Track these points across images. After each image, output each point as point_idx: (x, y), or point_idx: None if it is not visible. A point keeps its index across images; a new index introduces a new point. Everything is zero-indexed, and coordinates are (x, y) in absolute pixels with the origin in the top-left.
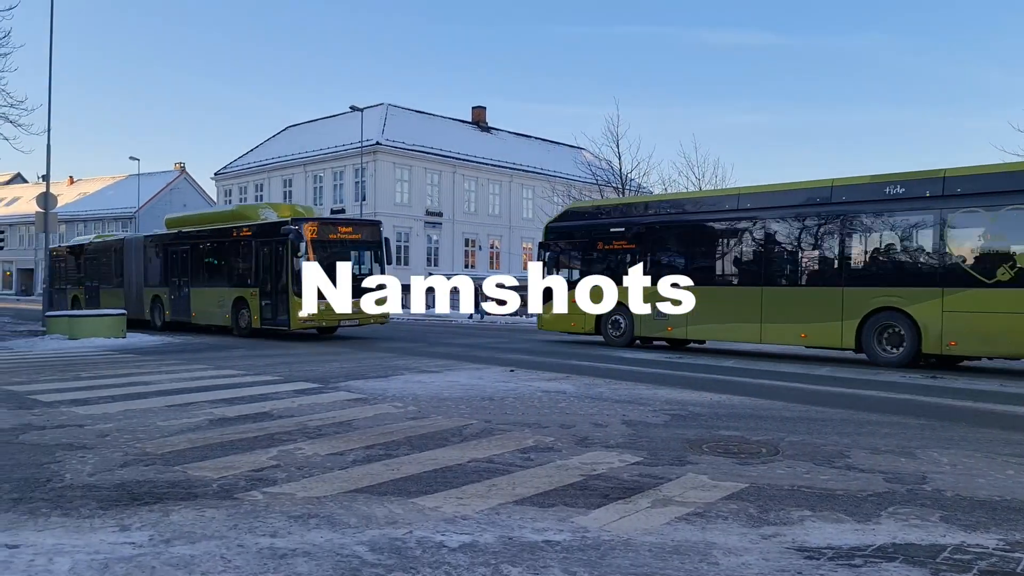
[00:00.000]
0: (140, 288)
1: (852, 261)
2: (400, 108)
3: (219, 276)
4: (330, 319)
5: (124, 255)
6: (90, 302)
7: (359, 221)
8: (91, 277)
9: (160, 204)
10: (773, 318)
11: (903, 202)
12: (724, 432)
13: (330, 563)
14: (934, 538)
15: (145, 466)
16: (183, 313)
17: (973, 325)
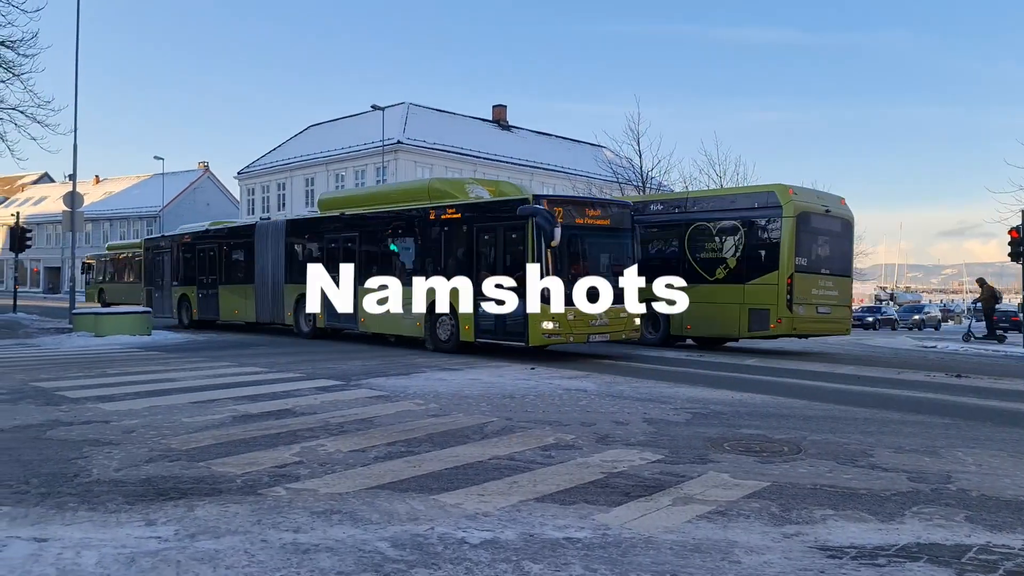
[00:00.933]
0: (279, 286)
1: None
2: (421, 107)
3: (404, 270)
4: (579, 331)
5: (256, 245)
6: (205, 303)
7: (608, 201)
8: (207, 272)
9: (184, 203)
10: None
11: (662, 215)
12: (746, 430)
13: (352, 559)
14: (959, 538)
15: (170, 462)
16: (346, 318)
17: (702, 312)
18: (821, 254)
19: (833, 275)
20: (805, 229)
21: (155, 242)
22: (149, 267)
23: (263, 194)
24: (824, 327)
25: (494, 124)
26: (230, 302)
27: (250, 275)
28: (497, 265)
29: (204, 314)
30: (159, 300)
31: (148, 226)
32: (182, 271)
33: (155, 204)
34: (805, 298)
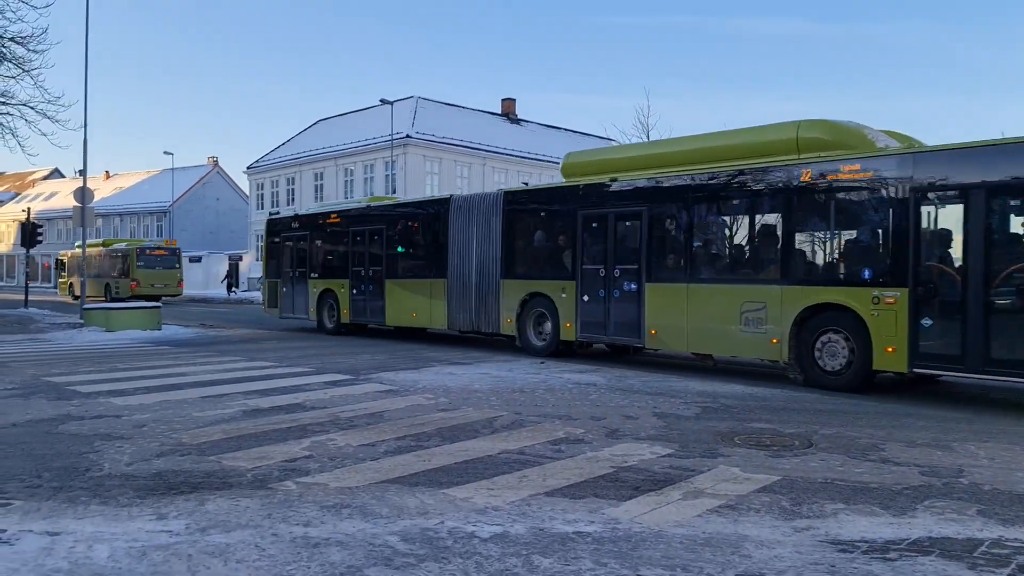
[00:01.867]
0: (492, 282)
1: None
2: (430, 101)
3: (747, 262)
4: None
5: (452, 226)
6: (362, 303)
7: None
8: (365, 262)
9: (193, 198)
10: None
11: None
12: (756, 424)
13: (362, 552)
14: (971, 532)
15: (181, 456)
16: (627, 330)
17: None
18: None
19: None
20: None
21: (283, 223)
22: (273, 254)
23: (272, 189)
24: None
25: (503, 117)
26: (404, 302)
27: (438, 266)
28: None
29: (359, 316)
30: (287, 297)
31: (158, 221)
32: (325, 260)
33: (165, 199)
34: None
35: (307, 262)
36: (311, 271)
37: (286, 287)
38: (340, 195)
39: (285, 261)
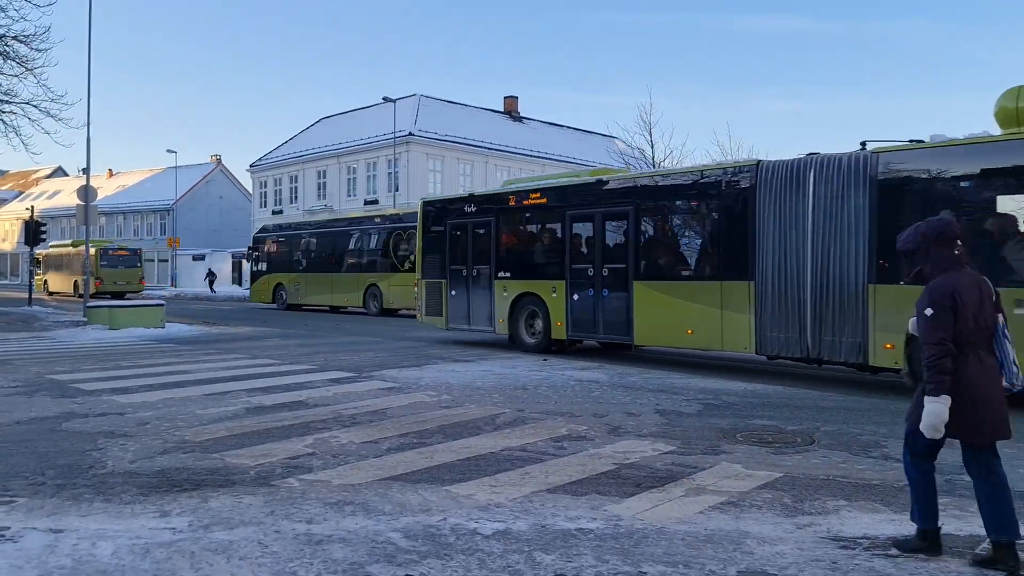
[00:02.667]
0: (855, 284)
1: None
2: (432, 99)
3: None
4: None
5: (761, 205)
6: (592, 313)
7: None
8: (594, 257)
9: (197, 196)
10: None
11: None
12: (758, 421)
13: (365, 549)
14: (973, 528)
15: (184, 453)
16: None
17: (401, 290)
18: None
19: None
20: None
21: (452, 206)
22: (435, 247)
23: (275, 187)
24: None
25: (506, 115)
26: (667, 313)
27: (736, 263)
28: None
29: (583, 330)
30: (458, 302)
31: (161, 220)
32: (523, 254)
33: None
34: None
35: (491, 257)
36: (498, 269)
37: (457, 290)
38: (343, 193)
39: (455, 256)
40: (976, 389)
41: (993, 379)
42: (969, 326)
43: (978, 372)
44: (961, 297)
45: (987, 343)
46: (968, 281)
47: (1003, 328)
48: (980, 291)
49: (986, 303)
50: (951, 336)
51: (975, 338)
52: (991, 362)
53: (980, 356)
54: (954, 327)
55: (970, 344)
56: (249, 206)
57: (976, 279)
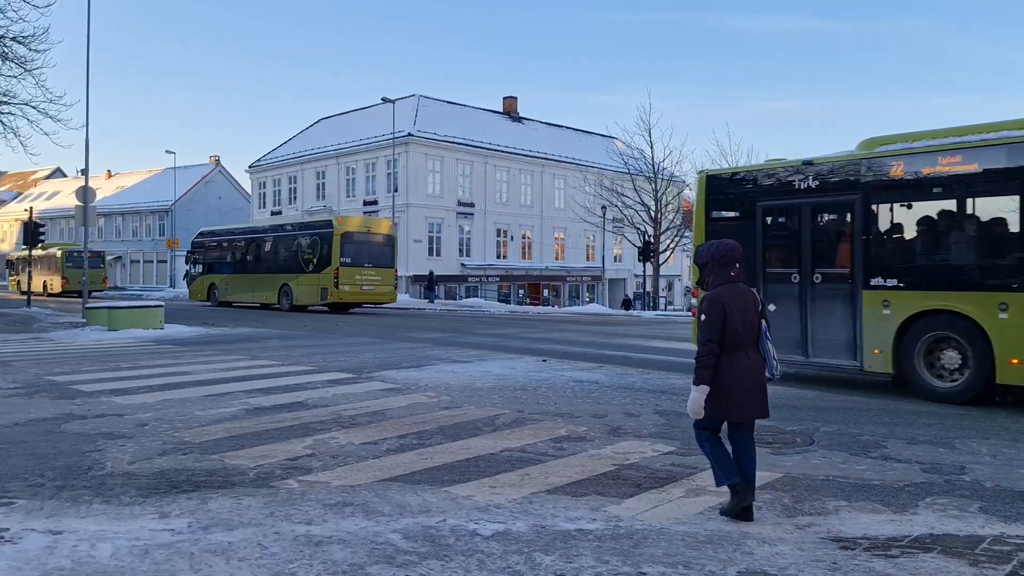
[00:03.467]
0: None
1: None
2: (431, 99)
3: None
4: None
5: None
6: None
7: None
8: None
9: (195, 197)
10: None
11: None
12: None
13: (365, 550)
14: (973, 529)
15: (183, 455)
16: None
17: (306, 289)
18: (363, 254)
19: (376, 267)
20: (349, 241)
21: (763, 181)
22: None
23: (274, 188)
24: (370, 297)
25: (505, 116)
26: None
27: None
28: None
29: None
30: (779, 319)
31: (160, 220)
32: (928, 250)
33: (167, 198)
34: (350, 280)
35: (855, 254)
36: (871, 272)
37: (779, 302)
38: (342, 194)
39: (776, 253)
40: (743, 378)
41: (757, 371)
42: (738, 329)
43: (746, 365)
44: (729, 306)
45: (754, 343)
46: (738, 294)
47: (766, 331)
48: (748, 302)
49: (752, 312)
50: (718, 338)
51: (743, 339)
52: (757, 358)
53: (748, 352)
54: (723, 330)
55: (739, 344)
56: (248, 207)
57: (746, 292)
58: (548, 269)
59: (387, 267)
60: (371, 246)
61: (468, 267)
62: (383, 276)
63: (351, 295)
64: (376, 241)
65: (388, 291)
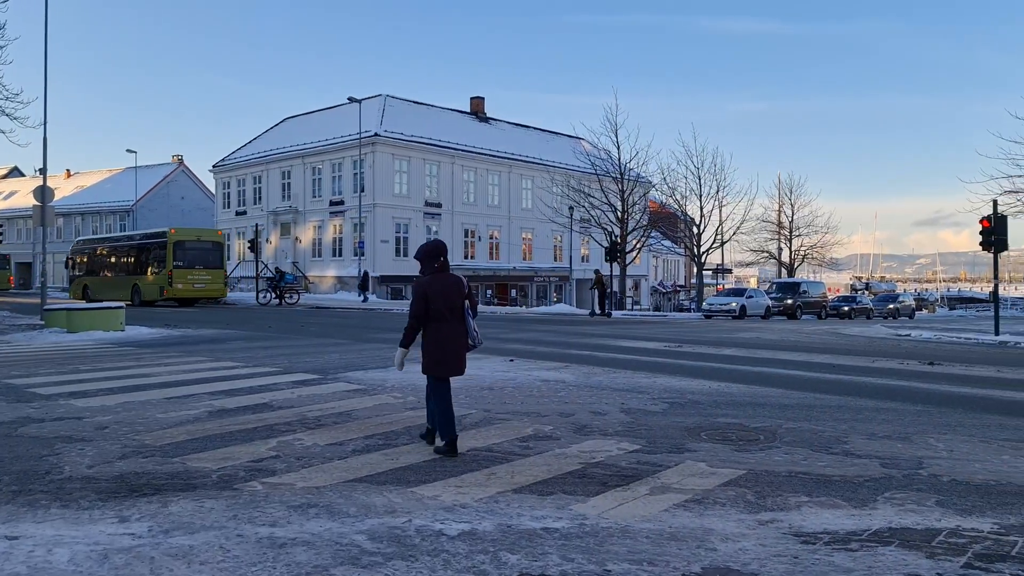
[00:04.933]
0: None
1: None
2: (398, 99)
3: None
4: None
5: None
6: None
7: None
8: None
9: (158, 197)
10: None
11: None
12: (722, 419)
13: (329, 552)
14: (930, 522)
15: (144, 458)
16: None
17: (150, 287)
18: (195, 259)
19: (206, 268)
20: (180, 248)
21: None
22: None
23: (239, 188)
24: (203, 293)
25: (472, 116)
26: None
27: None
28: None
29: None
30: None
31: (121, 220)
32: None
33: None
34: (183, 280)
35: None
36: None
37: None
38: (308, 195)
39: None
40: (446, 344)
41: (459, 339)
42: (442, 308)
43: (450, 334)
44: (431, 291)
45: (459, 318)
46: (440, 281)
47: (468, 310)
48: (451, 287)
49: (455, 295)
50: (420, 315)
51: (447, 315)
52: (461, 329)
53: (453, 325)
54: (427, 308)
55: (444, 318)
56: (212, 207)
57: (450, 279)
58: (516, 269)
59: (217, 268)
60: (202, 252)
61: None
62: (213, 276)
63: (184, 292)
64: (206, 247)
65: (219, 288)
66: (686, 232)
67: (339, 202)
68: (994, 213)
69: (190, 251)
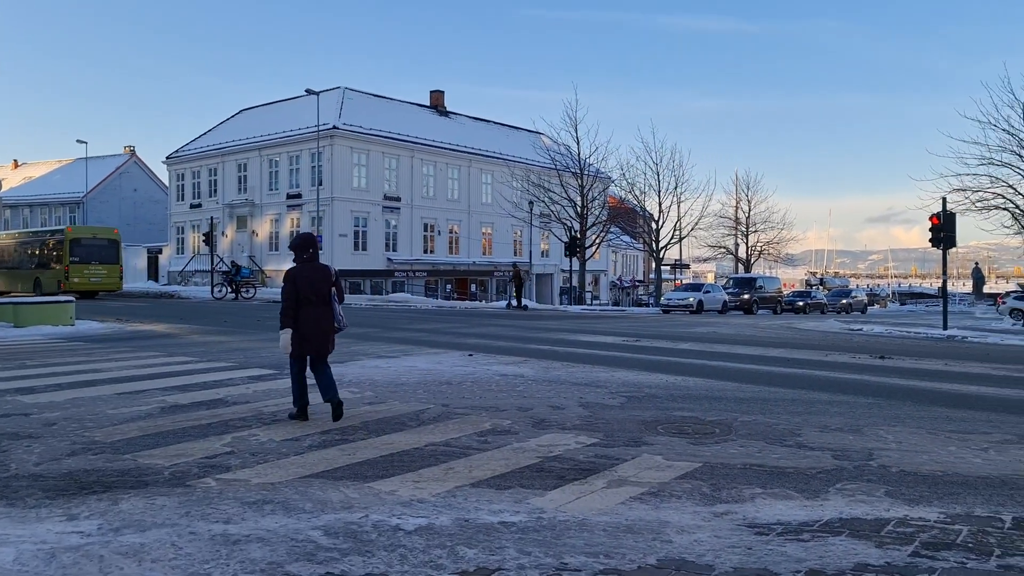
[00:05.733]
0: None
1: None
2: (357, 92)
3: None
4: None
5: None
6: None
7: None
8: None
9: (109, 189)
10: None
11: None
12: (679, 413)
13: (284, 548)
14: (879, 512)
15: (94, 455)
16: None
17: (50, 281)
18: (91, 254)
19: (102, 263)
20: (77, 245)
21: None
22: None
23: (193, 180)
24: (99, 286)
25: (432, 110)
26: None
27: None
28: None
29: None
30: None
31: (71, 212)
32: None
33: (78, 190)
34: (79, 274)
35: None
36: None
37: None
38: (264, 187)
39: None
40: (315, 325)
41: (327, 321)
42: (309, 293)
43: (318, 317)
44: (299, 278)
45: (326, 302)
46: (310, 269)
47: (334, 296)
48: (319, 274)
49: (322, 281)
50: (292, 300)
51: (315, 300)
52: (328, 312)
53: (322, 309)
54: (297, 293)
55: (312, 303)
56: (166, 199)
57: (319, 268)
58: (476, 264)
59: (113, 264)
60: (98, 248)
61: (395, 262)
62: (109, 271)
63: (80, 285)
64: (102, 244)
65: (114, 281)
66: (645, 228)
67: (296, 195)
68: (943, 210)
69: (86, 247)
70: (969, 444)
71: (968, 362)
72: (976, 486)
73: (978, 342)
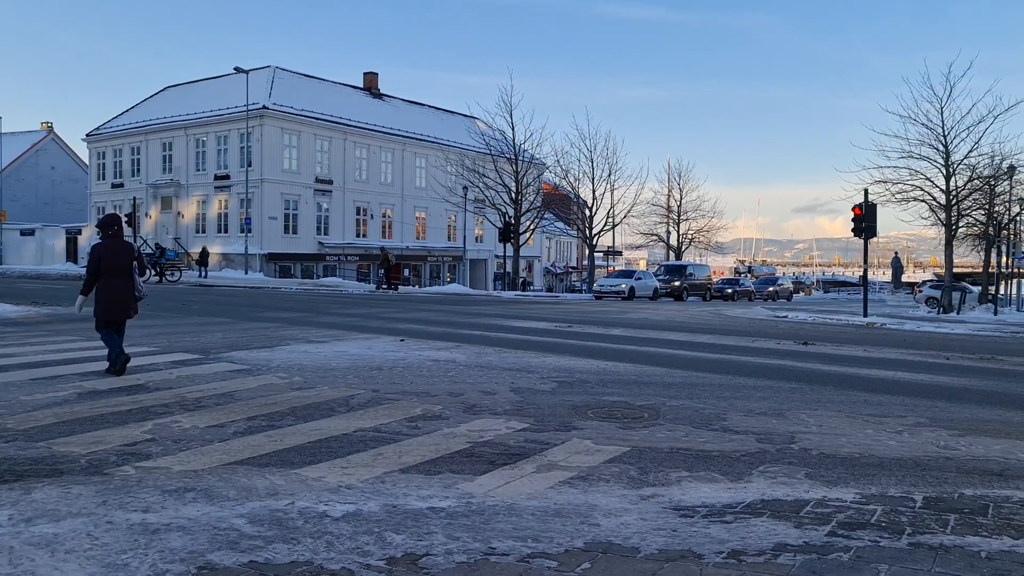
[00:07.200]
0: None
1: None
2: (288, 72)
3: None
4: None
5: None
6: None
7: None
8: None
9: (25, 167)
10: None
11: None
12: (609, 398)
13: (206, 537)
14: (799, 494)
15: (5, 443)
16: None
17: None
18: None
19: None
20: None
21: None
22: None
23: (115, 158)
24: None
25: (365, 92)
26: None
27: None
28: None
29: None
30: None
31: None
32: None
33: None
34: None
35: None
36: None
37: None
38: (191, 167)
39: None
40: (114, 294)
41: (125, 291)
42: (110, 267)
43: (118, 287)
44: (104, 253)
45: (128, 274)
46: (113, 245)
47: (135, 269)
48: (122, 250)
49: (123, 257)
50: (94, 272)
51: (115, 272)
52: (129, 283)
53: (122, 280)
54: (100, 266)
55: (112, 274)
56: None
57: (122, 244)
58: (409, 249)
59: None
60: None
61: (326, 246)
62: None
63: None
64: None
65: None
66: (578, 214)
67: (225, 176)
68: (865, 201)
69: None
70: (885, 427)
71: (886, 348)
72: (890, 467)
73: (896, 329)
